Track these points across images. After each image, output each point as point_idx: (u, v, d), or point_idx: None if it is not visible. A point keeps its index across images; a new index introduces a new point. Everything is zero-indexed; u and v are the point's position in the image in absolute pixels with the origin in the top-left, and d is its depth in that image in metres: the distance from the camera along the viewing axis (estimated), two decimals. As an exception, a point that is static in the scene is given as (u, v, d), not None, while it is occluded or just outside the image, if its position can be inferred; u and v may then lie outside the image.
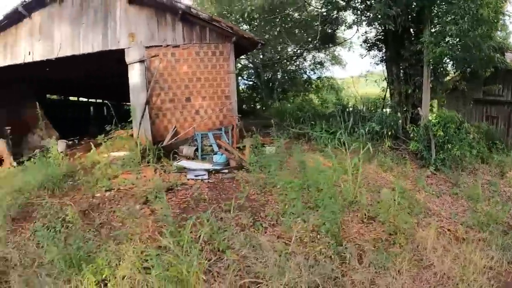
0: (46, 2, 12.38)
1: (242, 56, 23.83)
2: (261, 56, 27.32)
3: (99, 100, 32.01)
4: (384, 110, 15.68)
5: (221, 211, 6.88)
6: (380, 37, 16.51)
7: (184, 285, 4.49)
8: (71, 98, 28.05)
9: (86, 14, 12.20)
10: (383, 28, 14.55)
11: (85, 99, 30.47)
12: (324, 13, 17.67)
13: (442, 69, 14.19)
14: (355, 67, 69.90)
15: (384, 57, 16.53)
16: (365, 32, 17.31)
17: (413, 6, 12.83)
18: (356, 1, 15.55)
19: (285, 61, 27.61)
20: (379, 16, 12.38)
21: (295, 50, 26.70)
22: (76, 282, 4.56)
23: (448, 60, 13.55)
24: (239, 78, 27.68)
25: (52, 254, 4.93)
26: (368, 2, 14.43)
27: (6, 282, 4.99)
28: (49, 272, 4.84)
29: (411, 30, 14.22)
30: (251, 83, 31.06)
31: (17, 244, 5.97)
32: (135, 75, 11.88)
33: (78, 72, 17.13)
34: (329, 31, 20.12)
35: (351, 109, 16.13)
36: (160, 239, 5.48)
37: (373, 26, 15.77)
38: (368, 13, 14.24)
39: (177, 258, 4.71)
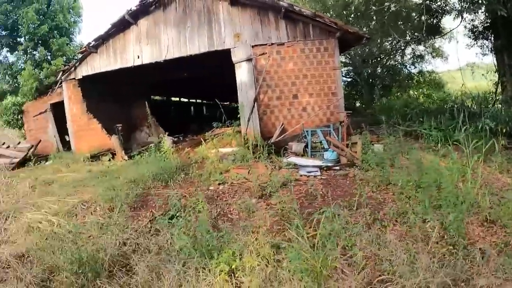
0: (150, 10, 13.16)
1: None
2: (359, 52, 26.40)
3: (198, 100, 33.51)
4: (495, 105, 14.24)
5: (339, 208, 6.51)
6: (488, 24, 15.05)
7: (317, 278, 4.26)
8: (173, 98, 29.65)
9: (190, 18, 12.72)
10: (491, 14, 13.15)
11: (185, 100, 32.06)
12: (428, 2, 16.49)
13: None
14: (455, 60, 64.34)
15: (494, 47, 15.00)
16: (472, 20, 15.92)
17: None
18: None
19: (384, 55, 26.44)
20: (488, 2, 11.15)
21: (394, 44, 25.46)
22: (205, 271, 4.48)
23: None
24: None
25: (182, 242, 4.91)
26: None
27: (127, 265, 5.09)
28: (177, 259, 4.81)
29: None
30: (349, 80, 30.24)
31: (135, 231, 6.17)
32: (242, 74, 12.07)
33: (181, 74, 17.81)
34: (433, 21, 18.72)
35: (457, 105, 14.81)
36: (285, 232, 5.36)
37: (481, 12, 14.47)
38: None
39: (308, 251, 4.47)
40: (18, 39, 20.53)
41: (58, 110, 16.09)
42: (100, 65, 14.22)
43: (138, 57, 13.40)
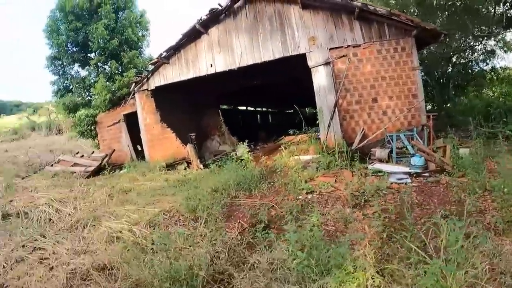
0: (220, 19, 13.27)
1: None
2: (428, 51, 25.11)
3: (263, 109, 34.03)
4: None
5: (439, 217, 6.09)
6: None
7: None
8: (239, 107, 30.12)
9: (262, 24, 12.66)
10: None
11: (251, 108, 32.47)
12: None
13: None
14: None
15: None
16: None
17: None
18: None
19: (455, 53, 25.02)
20: None
21: (463, 40, 24.02)
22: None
23: None
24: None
25: (298, 258, 4.48)
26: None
27: (222, 281, 4.81)
28: (290, 276, 4.45)
29: None
30: (419, 81, 29.04)
31: (225, 243, 5.80)
32: (320, 78, 11.84)
33: (252, 82, 17.87)
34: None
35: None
36: (396, 244, 5.05)
37: None
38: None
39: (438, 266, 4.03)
40: (89, 55, 21.41)
41: (130, 120, 16.63)
42: (172, 75, 14.52)
43: (211, 66, 13.55)
